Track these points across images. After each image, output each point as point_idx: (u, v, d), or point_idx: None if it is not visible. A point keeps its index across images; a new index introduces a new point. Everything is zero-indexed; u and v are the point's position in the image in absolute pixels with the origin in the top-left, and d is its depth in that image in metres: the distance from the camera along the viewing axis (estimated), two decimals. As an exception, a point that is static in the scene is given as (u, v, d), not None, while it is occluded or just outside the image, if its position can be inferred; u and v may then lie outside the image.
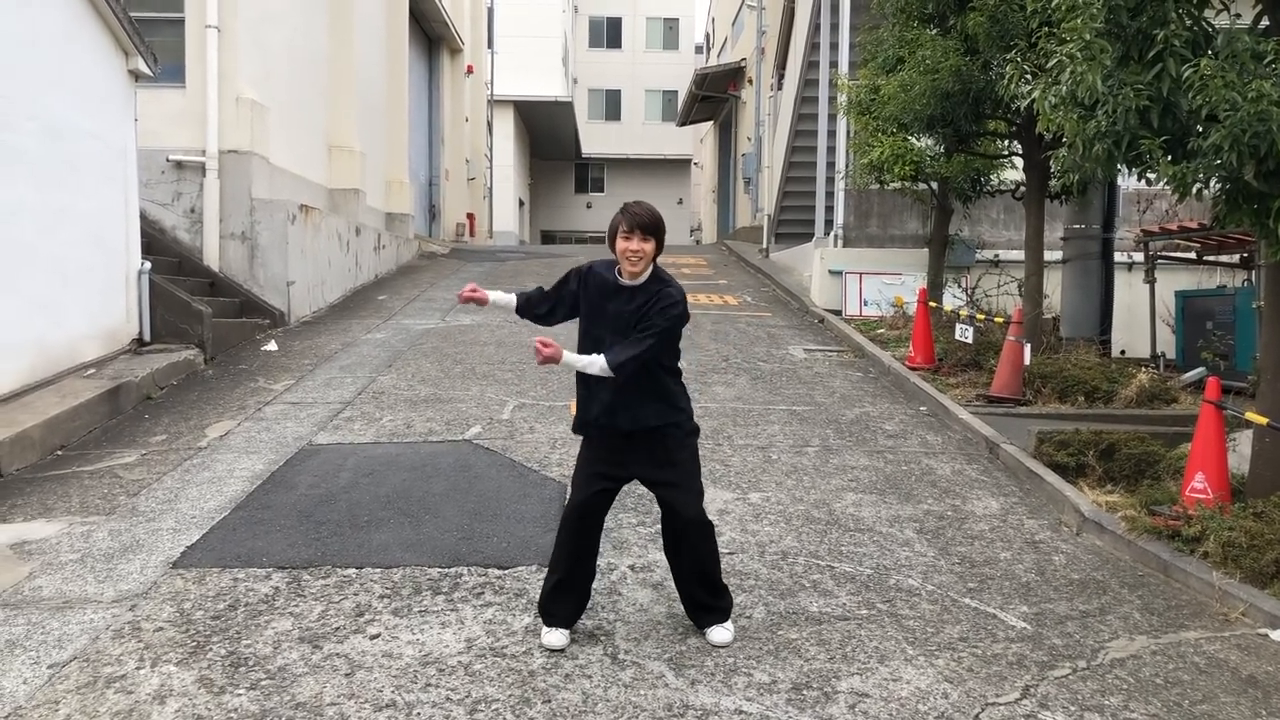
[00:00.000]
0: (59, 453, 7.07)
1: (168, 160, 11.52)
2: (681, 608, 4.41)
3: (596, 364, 3.97)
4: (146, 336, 9.69)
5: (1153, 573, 5.29)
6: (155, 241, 10.99)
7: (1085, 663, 4.20)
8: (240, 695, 3.72)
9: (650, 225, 4.03)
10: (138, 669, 3.92)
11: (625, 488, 6.19)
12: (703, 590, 4.30)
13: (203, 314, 9.95)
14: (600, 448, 4.21)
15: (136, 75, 9.62)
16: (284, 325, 11.89)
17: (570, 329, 4.24)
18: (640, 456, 4.17)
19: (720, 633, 4.26)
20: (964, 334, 10.22)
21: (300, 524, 5.56)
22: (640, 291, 4.08)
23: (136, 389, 8.40)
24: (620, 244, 4.04)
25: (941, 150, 11.71)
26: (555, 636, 4.17)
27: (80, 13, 8.64)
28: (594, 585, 4.41)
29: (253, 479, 6.37)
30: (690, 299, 15.18)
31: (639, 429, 4.12)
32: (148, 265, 9.73)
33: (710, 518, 5.65)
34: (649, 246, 4.03)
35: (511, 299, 4.26)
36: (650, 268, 4.11)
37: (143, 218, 10.14)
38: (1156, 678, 4.09)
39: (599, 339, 4.07)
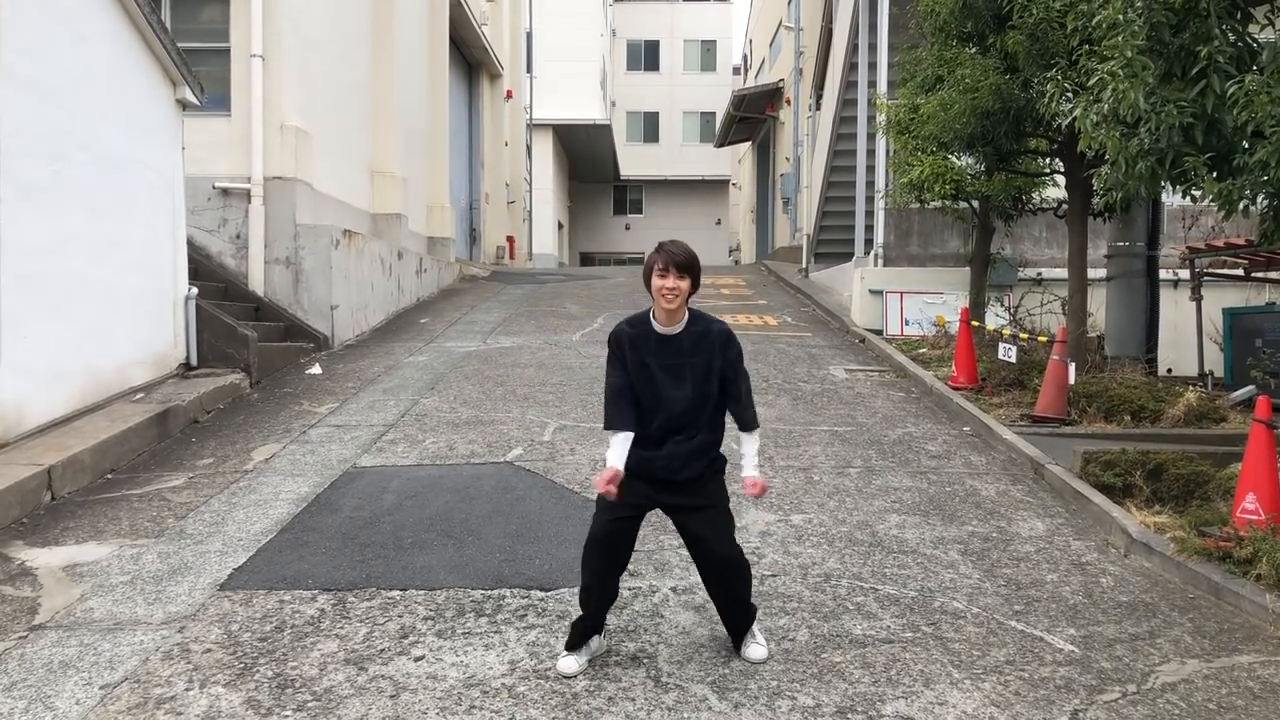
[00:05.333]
0: (109, 476, 7.19)
1: (214, 187, 11.72)
2: (724, 630, 4.41)
3: (756, 444, 4.22)
4: (193, 361, 9.84)
5: (1203, 595, 5.21)
6: (202, 267, 11.17)
7: (1135, 687, 4.13)
8: (287, 717, 3.76)
9: (685, 263, 4.01)
10: (187, 690, 3.98)
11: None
12: (741, 613, 4.33)
13: (248, 338, 10.09)
14: (640, 484, 4.11)
15: (184, 104, 9.80)
16: (328, 349, 12.03)
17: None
18: (677, 493, 4.14)
19: (758, 649, 4.29)
20: (1007, 353, 10.14)
21: (345, 546, 5.61)
22: (687, 339, 4.07)
23: (184, 413, 8.52)
24: (656, 281, 4.02)
25: (982, 169, 11.67)
26: (575, 662, 4.16)
27: (130, 45, 8.84)
28: (638, 608, 4.41)
29: (298, 502, 6.44)
30: (730, 319, 15.08)
31: (694, 476, 4.13)
32: (194, 291, 9.89)
33: (752, 540, 5.67)
34: (684, 284, 4.01)
35: (629, 436, 4.06)
36: (686, 311, 4.11)
37: (190, 244, 10.32)
38: (1209, 703, 4.02)
39: (654, 396, 4.04)
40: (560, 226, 41.77)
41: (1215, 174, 5.69)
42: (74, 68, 7.97)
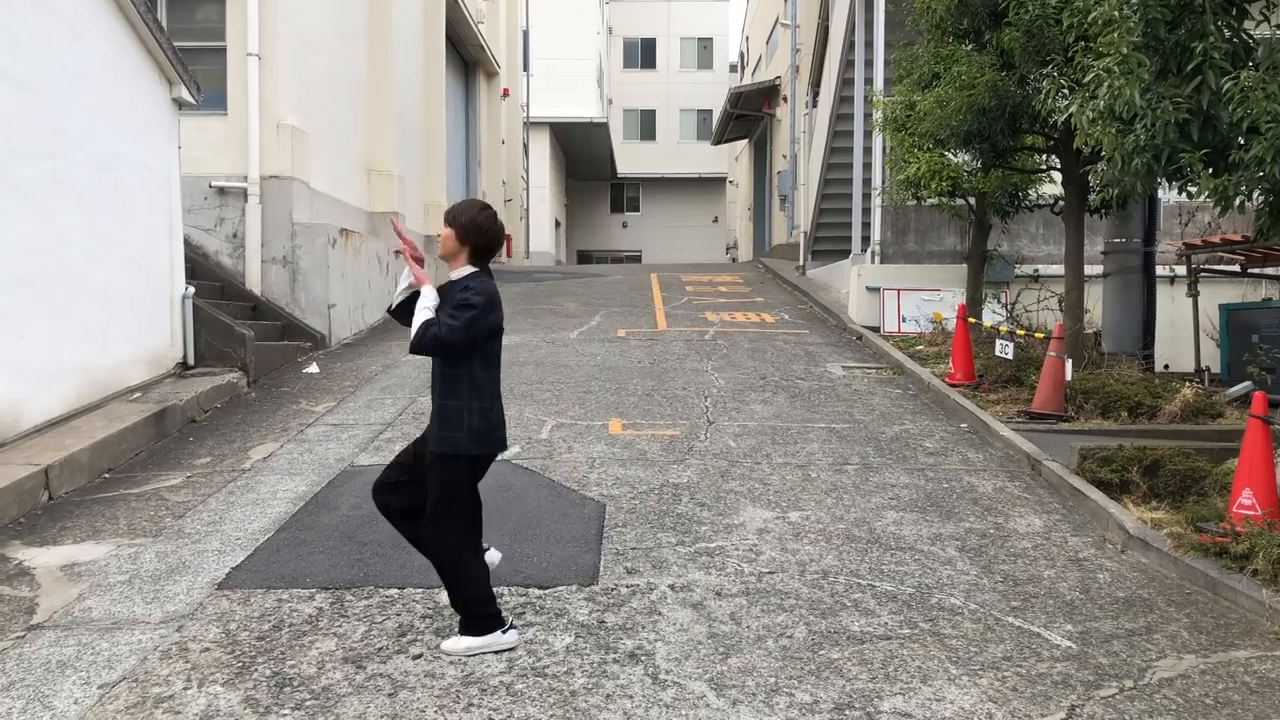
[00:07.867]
0: (106, 475, 7.18)
1: (210, 186, 11.72)
2: (724, 628, 4.41)
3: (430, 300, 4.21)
4: (190, 360, 9.84)
5: (1200, 591, 5.22)
6: (199, 266, 11.16)
7: (1132, 682, 4.14)
8: (285, 716, 3.76)
9: (448, 215, 4.25)
10: (185, 689, 3.98)
11: (678, 508, 6.19)
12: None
13: (245, 337, 10.08)
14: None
15: (180, 103, 9.79)
16: (325, 347, 12.02)
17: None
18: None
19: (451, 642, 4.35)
20: (1004, 350, 10.15)
21: (343, 545, 5.61)
22: (454, 285, 4.24)
23: (181, 412, 8.52)
24: None
25: (978, 165, 11.67)
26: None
27: (126, 44, 8.83)
28: (636, 605, 4.41)
29: (296, 500, 6.44)
30: (727, 316, 14.98)
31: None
32: (191, 290, 9.88)
33: (750, 537, 5.68)
34: (445, 233, 4.22)
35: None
36: (466, 264, 4.23)
37: (186, 243, 10.32)
38: (1206, 698, 4.03)
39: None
40: (557, 225, 41.76)
41: (1211, 170, 5.69)
42: (70, 67, 7.96)
